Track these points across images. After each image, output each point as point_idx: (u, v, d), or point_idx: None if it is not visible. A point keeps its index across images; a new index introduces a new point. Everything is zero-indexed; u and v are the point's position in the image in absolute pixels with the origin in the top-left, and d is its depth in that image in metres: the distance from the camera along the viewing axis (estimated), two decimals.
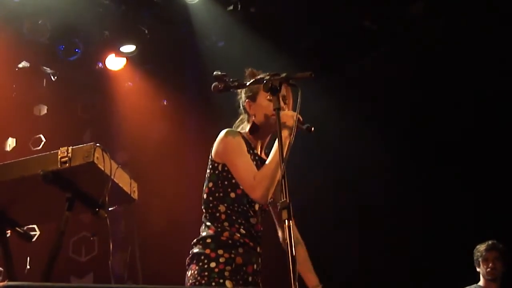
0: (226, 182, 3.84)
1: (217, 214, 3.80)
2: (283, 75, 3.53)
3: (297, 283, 2.98)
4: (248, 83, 3.72)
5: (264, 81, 3.53)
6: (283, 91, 3.70)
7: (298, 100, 3.36)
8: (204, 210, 3.88)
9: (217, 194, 3.84)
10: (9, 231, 3.98)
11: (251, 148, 3.96)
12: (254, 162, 3.83)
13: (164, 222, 8.65)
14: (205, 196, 3.89)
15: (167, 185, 8.73)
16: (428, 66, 8.20)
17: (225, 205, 3.80)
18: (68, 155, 3.47)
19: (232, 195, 3.81)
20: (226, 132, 3.95)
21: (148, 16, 8.50)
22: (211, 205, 3.82)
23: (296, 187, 3.39)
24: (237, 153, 3.81)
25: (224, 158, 3.87)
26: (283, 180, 3.17)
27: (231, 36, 8.58)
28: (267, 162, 3.69)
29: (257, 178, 3.62)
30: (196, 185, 8.40)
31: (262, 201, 3.71)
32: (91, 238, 7.03)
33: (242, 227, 3.78)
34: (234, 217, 3.78)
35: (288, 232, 3.07)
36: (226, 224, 3.77)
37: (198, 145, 8.51)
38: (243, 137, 3.95)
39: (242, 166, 3.74)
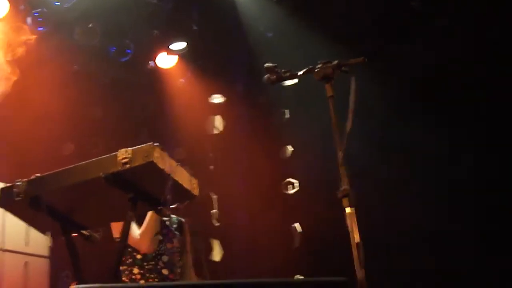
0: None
1: (133, 277, 4.45)
2: (335, 62, 3.50)
3: (363, 270, 2.99)
4: (300, 73, 3.70)
5: (317, 70, 3.51)
6: None
7: (353, 87, 3.33)
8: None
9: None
10: (74, 234, 4.05)
11: None
12: None
13: (225, 217, 8.69)
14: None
15: (226, 179, 8.76)
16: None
17: (137, 267, 4.51)
18: (128, 156, 3.51)
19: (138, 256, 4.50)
20: None
21: (196, 12, 8.54)
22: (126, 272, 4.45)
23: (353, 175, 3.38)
24: None
25: None
26: (342, 168, 3.16)
27: (279, 26, 8.55)
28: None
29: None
30: (253, 177, 8.48)
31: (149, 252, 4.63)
32: (155, 236, 7.11)
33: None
34: (147, 275, 4.45)
35: (349, 219, 3.07)
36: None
37: (252, 137, 8.53)
38: None
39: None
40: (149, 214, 4.75)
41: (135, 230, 4.74)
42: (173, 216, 5.31)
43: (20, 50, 7.08)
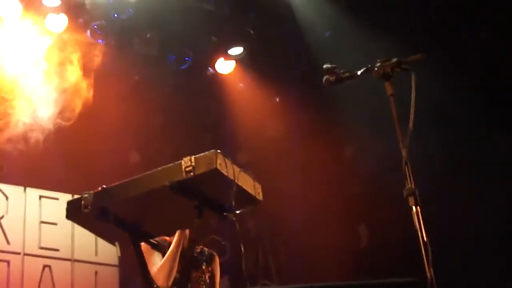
0: None
1: None
2: (394, 60, 3.47)
3: (431, 269, 2.96)
4: (359, 72, 3.67)
5: (376, 68, 3.48)
6: None
7: (413, 85, 3.29)
8: None
9: None
10: (142, 243, 4.11)
11: None
12: None
13: (291, 219, 8.68)
14: None
15: (289, 181, 8.76)
16: None
17: None
18: (192, 164, 3.54)
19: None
20: None
21: (252, 16, 8.58)
22: None
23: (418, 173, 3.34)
24: None
25: None
26: (406, 167, 3.13)
27: (336, 25, 8.51)
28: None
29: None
30: (316, 178, 8.45)
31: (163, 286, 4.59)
32: (222, 243, 7.13)
33: None
34: None
35: (416, 218, 3.04)
36: None
37: (313, 138, 8.50)
38: None
39: None
40: (169, 250, 4.76)
41: (157, 263, 4.75)
42: (205, 249, 5.34)
43: (95, 64, 7.26)
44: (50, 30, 7.77)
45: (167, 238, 4.93)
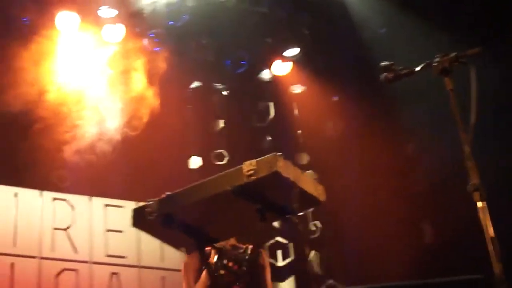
0: None
1: None
2: (453, 54, 3.44)
3: (499, 265, 2.92)
4: (417, 68, 3.64)
5: (434, 64, 3.45)
6: None
7: (473, 78, 3.25)
8: None
9: None
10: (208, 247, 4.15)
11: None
12: None
13: (354, 218, 8.64)
14: None
15: (351, 180, 8.72)
16: None
17: None
18: (253, 168, 3.56)
19: None
20: None
21: (306, 17, 8.57)
22: None
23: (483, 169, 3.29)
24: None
25: None
26: (470, 162, 3.10)
27: (391, 22, 8.44)
28: None
29: None
30: (378, 176, 8.38)
31: None
32: (286, 245, 7.17)
33: None
34: None
35: (482, 213, 3.01)
36: None
37: (374, 136, 8.44)
38: None
39: None
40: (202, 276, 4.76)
41: None
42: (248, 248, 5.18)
43: (159, 71, 7.36)
44: (107, 41, 7.92)
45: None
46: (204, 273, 4.72)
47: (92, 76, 7.62)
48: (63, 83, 7.58)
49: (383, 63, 3.70)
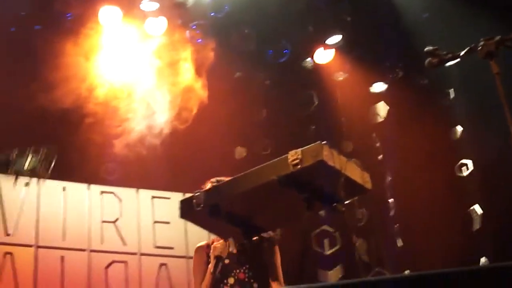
0: None
1: None
2: (498, 37, 3.39)
3: None
4: (462, 53, 3.60)
5: (479, 47, 3.41)
6: None
7: None
8: None
9: None
10: (255, 237, 4.16)
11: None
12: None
13: (401, 204, 8.59)
14: None
15: (396, 167, 8.67)
16: None
17: None
18: (298, 157, 3.56)
19: None
20: None
21: (348, 3, 8.52)
22: None
23: None
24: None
25: None
26: None
27: (434, 6, 8.34)
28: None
29: None
30: (424, 162, 8.30)
31: None
32: (333, 234, 7.17)
33: None
34: None
35: None
36: None
37: (418, 121, 8.36)
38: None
39: None
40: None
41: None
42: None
43: (206, 63, 7.40)
44: (150, 34, 7.98)
45: None
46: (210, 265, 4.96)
47: (139, 70, 7.69)
48: (110, 78, 7.67)
49: (427, 48, 3.67)
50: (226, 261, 5.02)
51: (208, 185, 5.07)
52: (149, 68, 7.63)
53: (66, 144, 7.63)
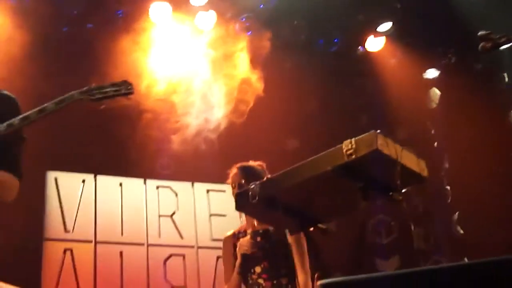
0: None
1: None
2: None
3: None
4: None
5: None
6: None
7: None
8: None
9: None
10: (312, 228, 4.15)
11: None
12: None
13: (458, 191, 8.49)
14: None
15: (453, 153, 8.57)
16: None
17: None
18: (353, 147, 3.53)
19: None
20: None
21: None
22: None
23: None
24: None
25: None
26: None
27: None
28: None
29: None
30: (480, 148, 8.19)
31: None
32: (390, 223, 7.12)
33: None
34: None
35: None
36: None
37: (473, 106, 8.25)
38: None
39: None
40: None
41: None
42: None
43: (261, 55, 7.41)
44: (201, 29, 8.03)
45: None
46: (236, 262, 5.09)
47: (194, 64, 7.74)
48: (166, 73, 7.74)
49: (480, 33, 3.61)
50: (254, 250, 5.14)
51: (234, 171, 5.18)
52: (203, 62, 7.67)
53: (123, 140, 7.75)
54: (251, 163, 5.40)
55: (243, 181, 4.82)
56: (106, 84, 4.32)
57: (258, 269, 5.08)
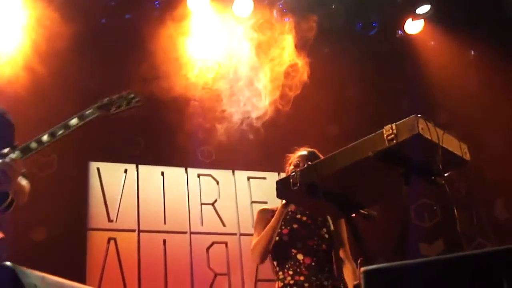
0: None
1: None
2: None
3: None
4: None
5: None
6: None
7: None
8: None
9: None
10: (354, 214, 4.14)
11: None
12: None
13: (500, 174, 8.38)
14: None
15: (494, 135, 8.46)
16: None
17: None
18: (394, 132, 3.51)
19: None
20: None
21: None
22: None
23: None
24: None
25: None
26: None
27: None
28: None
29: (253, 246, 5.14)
30: None
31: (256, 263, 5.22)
32: (433, 206, 7.06)
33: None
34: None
35: None
36: None
37: None
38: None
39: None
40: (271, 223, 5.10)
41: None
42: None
43: (308, 41, 7.39)
44: (238, 16, 8.03)
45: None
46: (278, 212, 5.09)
47: (235, 52, 7.75)
48: (210, 63, 7.77)
49: None
50: (295, 225, 5.18)
51: (304, 152, 5.16)
52: (244, 49, 7.67)
53: (164, 129, 7.80)
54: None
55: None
56: (114, 97, 4.40)
57: (299, 245, 5.09)
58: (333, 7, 8.42)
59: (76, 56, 7.44)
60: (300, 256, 5.05)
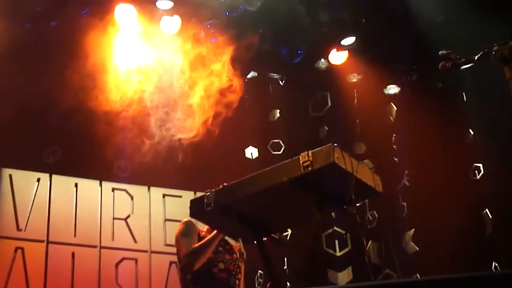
0: None
1: None
2: None
3: None
4: (476, 57, 3.58)
5: (493, 52, 3.39)
6: None
7: None
8: None
9: None
10: (265, 238, 4.16)
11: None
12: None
13: (412, 207, 8.56)
14: None
15: (409, 169, 8.64)
16: None
17: None
18: (310, 159, 3.55)
19: None
20: None
21: (363, 4, 8.50)
22: None
23: None
24: None
25: None
26: None
27: (449, 9, 8.28)
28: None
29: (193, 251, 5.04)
30: (439, 165, 8.27)
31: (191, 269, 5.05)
32: (344, 235, 7.15)
33: None
34: None
35: None
36: None
37: (431, 123, 8.33)
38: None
39: None
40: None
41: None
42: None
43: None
44: (165, 32, 8.00)
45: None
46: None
47: (156, 68, 7.71)
48: (128, 74, 7.70)
49: (441, 52, 3.65)
50: (220, 248, 5.22)
51: None
52: (169, 66, 7.64)
53: (79, 140, 7.67)
54: None
55: None
56: None
57: (221, 265, 5.12)
58: (260, 31, 8.46)
59: None
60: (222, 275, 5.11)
